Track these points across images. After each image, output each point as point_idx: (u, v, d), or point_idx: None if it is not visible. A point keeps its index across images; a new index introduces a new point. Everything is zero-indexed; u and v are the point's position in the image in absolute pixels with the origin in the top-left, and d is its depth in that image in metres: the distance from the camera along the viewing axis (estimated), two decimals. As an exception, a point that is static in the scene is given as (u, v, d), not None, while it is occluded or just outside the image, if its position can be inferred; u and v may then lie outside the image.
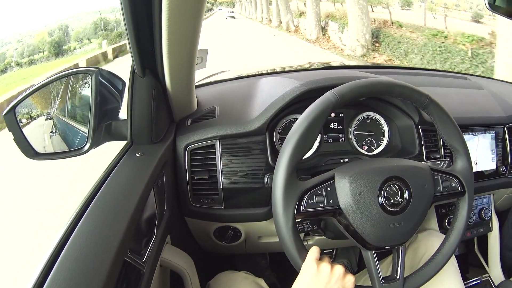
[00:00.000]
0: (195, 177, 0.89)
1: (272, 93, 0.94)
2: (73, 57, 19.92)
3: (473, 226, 1.17)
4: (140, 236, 0.67)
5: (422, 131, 0.97)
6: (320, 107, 0.66)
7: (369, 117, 1.01)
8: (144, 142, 0.81)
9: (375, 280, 0.67)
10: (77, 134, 0.79)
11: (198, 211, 0.91)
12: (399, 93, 0.71)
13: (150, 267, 0.65)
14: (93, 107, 0.75)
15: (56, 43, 23.55)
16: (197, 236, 1.06)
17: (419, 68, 2.47)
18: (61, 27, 26.19)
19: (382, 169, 0.68)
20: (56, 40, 23.76)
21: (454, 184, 0.73)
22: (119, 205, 0.61)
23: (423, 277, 0.71)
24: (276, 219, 0.63)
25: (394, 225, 0.66)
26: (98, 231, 0.55)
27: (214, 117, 0.94)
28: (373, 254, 0.67)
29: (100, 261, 0.50)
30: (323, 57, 9.29)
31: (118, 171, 0.71)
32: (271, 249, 1.17)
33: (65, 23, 27.29)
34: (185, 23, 0.65)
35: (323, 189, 0.65)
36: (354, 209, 0.64)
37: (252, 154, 0.89)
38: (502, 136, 1.12)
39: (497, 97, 1.20)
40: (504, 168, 1.12)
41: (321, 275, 0.61)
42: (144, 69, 0.73)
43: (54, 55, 22.60)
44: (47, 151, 0.79)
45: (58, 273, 0.48)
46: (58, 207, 2.77)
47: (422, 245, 0.90)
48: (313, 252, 0.64)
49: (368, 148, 1.01)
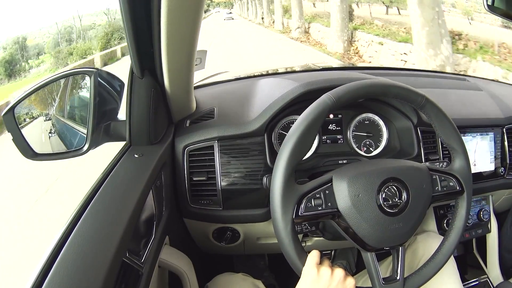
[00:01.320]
0: (194, 178, 0.89)
1: (270, 94, 0.94)
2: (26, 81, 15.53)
3: (471, 227, 1.17)
4: (138, 237, 0.67)
5: (420, 132, 0.97)
6: (316, 110, 0.66)
7: (368, 119, 1.01)
8: (143, 143, 0.81)
9: (376, 281, 0.67)
10: (76, 134, 0.79)
11: (196, 212, 0.91)
12: (395, 93, 0.71)
13: (148, 268, 0.65)
14: (92, 108, 0.75)
15: (7, 62, 18.00)
16: (195, 237, 1.06)
17: (418, 69, 2.47)
18: (17, 40, 20.16)
19: (380, 170, 0.68)
20: (6, 59, 18.13)
21: (453, 184, 0.74)
22: (118, 206, 0.61)
23: (423, 277, 0.71)
24: (275, 224, 0.63)
25: (393, 226, 0.66)
26: (97, 231, 0.55)
27: (212, 118, 0.94)
28: (373, 255, 0.68)
29: (98, 262, 0.50)
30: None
31: (116, 172, 0.71)
32: (269, 250, 1.16)
33: (22, 35, 21.07)
34: (184, 24, 0.65)
35: (321, 192, 0.65)
36: (353, 212, 0.64)
37: (251, 155, 0.89)
38: (500, 138, 1.12)
39: (495, 99, 1.21)
40: (503, 170, 1.12)
41: (322, 279, 0.62)
42: (143, 70, 0.74)
43: (5, 77, 17.20)
44: (46, 151, 0.79)
45: (57, 273, 0.48)
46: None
47: (421, 246, 0.90)
48: (313, 257, 0.64)
49: (367, 149, 1.01)
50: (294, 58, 9.13)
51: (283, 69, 1.42)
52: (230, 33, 17.61)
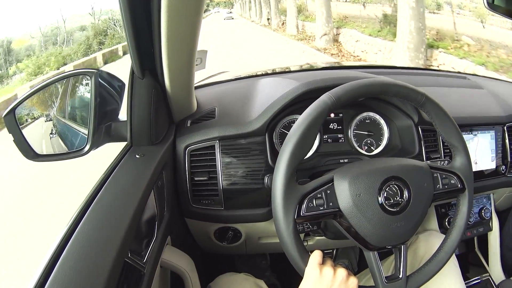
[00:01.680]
0: (195, 178, 0.89)
1: (271, 94, 0.94)
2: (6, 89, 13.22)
3: (473, 225, 1.17)
4: (140, 237, 0.67)
5: (421, 131, 0.97)
6: (316, 110, 0.66)
7: (369, 117, 1.01)
8: (144, 143, 0.81)
9: (378, 280, 0.67)
10: (77, 135, 0.79)
11: (198, 212, 0.91)
12: (395, 92, 0.71)
13: (150, 268, 0.65)
14: (92, 109, 0.75)
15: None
16: (197, 237, 1.06)
17: (419, 68, 2.47)
18: (1, 44, 18.62)
19: (381, 169, 0.68)
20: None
21: (454, 181, 0.73)
22: (120, 206, 0.61)
23: (426, 275, 0.71)
24: (277, 224, 0.63)
25: (395, 225, 0.66)
26: (99, 232, 0.56)
27: (213, 118, 0.94)
28: (375, 254, 0.68)
29: (100, 262, 0.50)
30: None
31: (118, 173, 0.71)
32: (271, 250, 1.17)
33: (7, 38, 19.61)
34: (184, 24, 0.65)
35: (322, 192, 0.65)
36: (354, 211, 0.64)
37: (252, 155, 0.89)
38: (501, 136, 1.12)
39: (496, 97, 1.21)
40: (504, 168, 1.12)
41: (324, 279, 0.62)
42: (143, 70, 0.74)
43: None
44: (47, 152, 0.79)
45: (59, 274, 0.48)
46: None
47: (422, 245, 0.90)
48: (315, 257, 0.64)
49: (368, 148, 1.01)
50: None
51: (283, 69, 1.42)
52: (233, 38, 15.16)
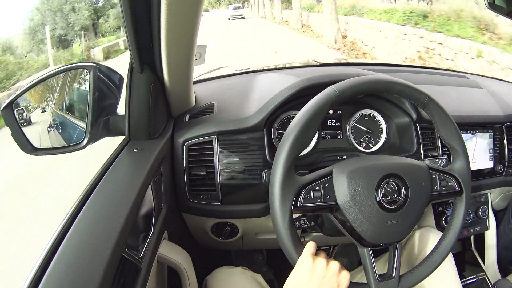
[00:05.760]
0: (193, 173, 0.89)
1: (270, 90, 0.93)
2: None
3: (470, 224, 1.17)
4: (137, 231, 0.67)
5: (420, 128, 0.97)
6: (319, 103, 0.66)
7: (367, 114, 1.01)
8: (142, 137, 0.81)
9: (371, 277, 0.67)
10: (75, 129, 0.79)
11: (195, 207, 0.91)
12: (399, 91, 0.71)
13: (147, 262, 0.65)
14: (91, 102, 0.75)
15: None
16: (194, 232, 1.06)
17: (418, 66, 2.47)
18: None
19: (380, 166, 0.68)
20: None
21: (452, 184, 0.74)
22: (117, 200, 0.61)
23: (419, 276, 0.72)
24: (273, 214, 0.64)
25: (390, 223, 0.66)
26: (96, 226, 0.56)
27: (212, 113, 0.94)
28: (369, 251, 0.68)
29: (97, 257, 0.50)
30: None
31: (115, 167, 0.71)
32: (268, 246, 1.17)
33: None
34: (183, 19, 0.64)
35: (320, 185, 0.66)
36: (351, 205, 0.65)
37: (250, 150, 0.89)
38: (500, 135, 1.12)
39: (495, 96, 1.20)
40: (502, 167, 1.12)
41: (316, 269, 0.61)
42: (142, 65, 0.73)
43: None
44: (45, 146, 0.79)
45: (56, 268, 0.48)
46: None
47: (419, 242, 0.90)
48: (309, 247, 0.64)
49: (366, 145, 1.01)
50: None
51: (283, 65, 1.42)
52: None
